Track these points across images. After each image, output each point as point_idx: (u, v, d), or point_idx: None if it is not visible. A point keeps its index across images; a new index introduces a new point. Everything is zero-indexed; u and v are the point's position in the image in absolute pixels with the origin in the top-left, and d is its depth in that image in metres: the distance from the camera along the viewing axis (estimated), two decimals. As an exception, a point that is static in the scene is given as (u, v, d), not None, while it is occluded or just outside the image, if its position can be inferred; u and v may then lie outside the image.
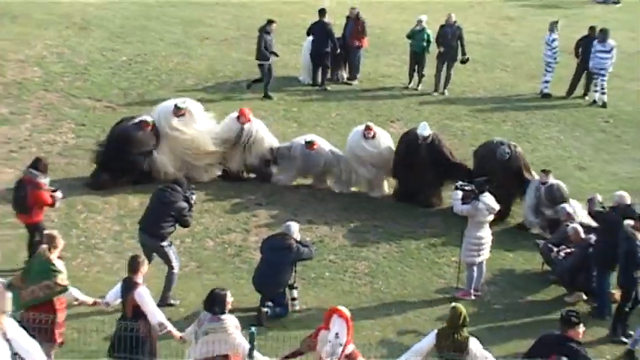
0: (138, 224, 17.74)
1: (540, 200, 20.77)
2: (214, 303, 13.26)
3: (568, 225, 19.03)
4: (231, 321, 13.23)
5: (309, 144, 22.32)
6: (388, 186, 22.71)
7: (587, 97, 29.28)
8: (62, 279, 14.17)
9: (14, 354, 11.64)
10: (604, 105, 28.72)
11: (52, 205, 17.95)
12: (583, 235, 18.61)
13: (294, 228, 17.39)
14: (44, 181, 17.67)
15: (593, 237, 18.51)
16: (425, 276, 19.52)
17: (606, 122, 27.85)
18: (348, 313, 13.22)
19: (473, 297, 18.59)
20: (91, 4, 35.73)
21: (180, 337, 13.77)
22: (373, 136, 22.22)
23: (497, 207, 18.43)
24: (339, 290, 18.58)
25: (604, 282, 18.26)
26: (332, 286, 18.72)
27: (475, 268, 18.58)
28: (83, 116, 25.35)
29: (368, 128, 22.21)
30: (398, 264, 19.87)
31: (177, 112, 22.15)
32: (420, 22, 29.04)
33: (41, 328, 13.75)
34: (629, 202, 18.36)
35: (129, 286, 13.83)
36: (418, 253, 20.36)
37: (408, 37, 29.26)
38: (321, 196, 22.42)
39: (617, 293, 18.40)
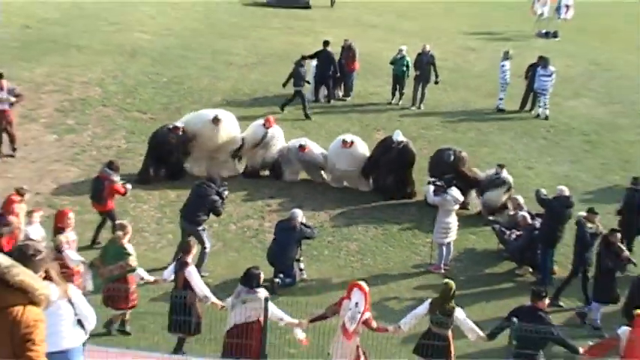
0: (179, 212, 17.98)
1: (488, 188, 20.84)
2: (250, 279, 13.50)
3: (518, 213, 19.10)
4: (263, 293, 13.46)
5: (302, 147, 22.34)
6: (372, 183, 22.61)
7: (532, 112, 29.22)
8: (132, 260, 14.50)
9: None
10: (546, 118, 28.71)
11: (124, 194, 18.61)
12: (530, 221, 18.69)
13: (299, 213, 17.69)
14: (116, 177, 18.22)
15: (537, 223, 18.72)
16: (404, 254, 19.55)
17: (548, 131, 27.84)
18: (366, 288, 13.28)
19: (442, 271, 18.67)
20: (139, 38, 35.73)
21: (222, 306, 14.04)
22: (350, 146, 22.15)
23: (461, 198, 18.75)
24: (336, 265, 18.64)
25: (547, 258, 18.39)
26: (330, 262, 18.75)
27: (444, 248, 18.71)
28: (133, 126, 25.34)
29: (344, 142, 22.15)
30: (383, 244, 19.89)
31: (216, 122, 22.17)
32: (400, 51, 29.11)
33: (120, 296, 14.49)
34: (567, 193, 18.54)
35: (181, 264, 14.11)
36: (399, 235, 20.37)
37: (391, 63, 29.27)
38: (322, 190, 22.39)
39: (556, 268, 18.55)
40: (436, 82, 29.24)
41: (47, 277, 11.05)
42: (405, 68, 28.92)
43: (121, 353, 12.99)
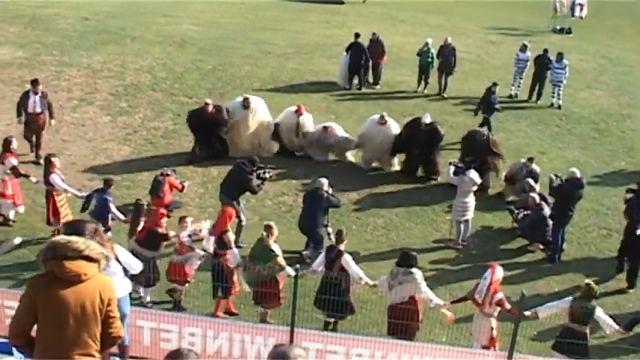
0: (219, 186, 17.99)
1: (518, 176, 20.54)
2: (407, 260, 13.58)
3: (530, 194, 18.89)
4: (418, 274, 13.52)
5: (325, 128, 22.26)
6: (398, 163, 22.42)
7: (538, 102, 28.80)
8: (280, 260, 14.14)
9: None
10: (559, 107, 28.37)
11: (182, 190, 18.78)
12: (538, 201, 18.53)
13: (324, 182, 17.37)
14: (174, 176, 18.56)
15: (544, 203, 18.58)
16: (426, 230, 19.46)
17: (560, 120, 27.53)
18: (498, 267, 13.57)
19: (460, 246, 18.61)
20: (188, 29, 35.72)
21: (374, 285, 14.11)
22: (384, 124, 22.06)
23: (479, 181, 18.58)
24: (363, 239, 18.57)
25: (558, 236, 18.23)
26: (357, 236, 18.66)
27: (462, 225, 18.58)
28: (179, 109, 25.27)
29: (381, 117, 22.19)
30: (406, 221, 19.79)
31: (246, 103, 22.18)
32: (426, 43, 28.90)
33: (271, 295, 14.20)
34: (578, 175, 18.41)
35: (335, 252, 14.08)
36: (422, 213, 20.26)
37: (418, 54, 29.06)
38: (352, 169, 22.28)
39: (566, 246, 18.49)
40: (451, 72, 29.03)
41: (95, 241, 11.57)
42: (430, 59, 28.74)
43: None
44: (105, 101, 25.59)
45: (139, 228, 15.15)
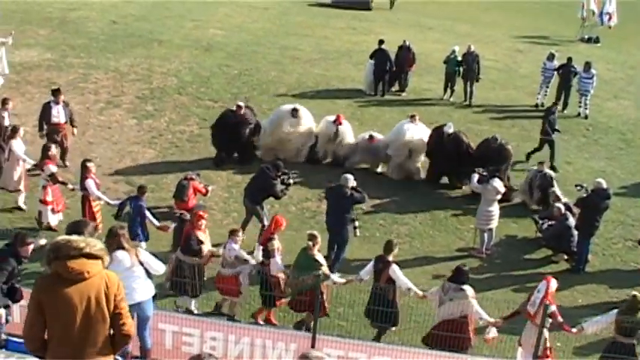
0: (244, 191, 18.09)
1: (534, 183, 20.45)
2: (459, 276, 13.42)
3: (555, 204, 18.77)
4: (470, 291, 13.32)
5: (371, 138, 22.20)
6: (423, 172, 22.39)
7: (564, 111, 28.59)
8: (325, 269, 14.03)
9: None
10: (586, 117, 28.22)
11: (206, 194, 18.81)
12: (563, 212, 18.39)
13: (349, 178, 16.97)
14: (198, 180, 18.52)
15: (569, 213, 18.42)
16: (450, 238, 19.39)
17: (587, 130, 27.39)
18: (552, 280, 13.30)
19: (484, 255, 18.52)
20: (215, 34, 35.84)
21: (424, 296, 13.89)
22: (415, 120, 22.36)
23: (502, 190, 18.42)
24: (386, 247, 18.45)
25: (584, 247, 18.09)
26: (380, 243, 18.22)
27: (486, 234, 18.48)
28: (205, 113, 25.36)
29: (412, 116, 22.42)
30: (430, 229, 19.75)
31: (295, 113, 22.31)
32: (453, 51, 28.85)
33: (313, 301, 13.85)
34: (605, 186, 18.26)
35: (383, 263, 13.91)
36: (445, 221, 20.20)
37: (444, 62, 29.04)
38: (376, 177, 22.26)
39: (591, 257, 18.41)
40: (477, 80, 28.93)
41: (120, 246, 11.73)
42: (456, 67, 28.71)
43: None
44: (131, 104, 25.71)
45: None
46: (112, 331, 6.71)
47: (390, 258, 14.00)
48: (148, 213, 16.40)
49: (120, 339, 6.73)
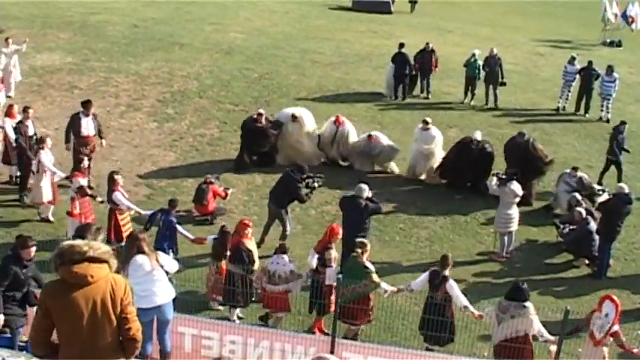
0: (269, 194, 18.05)
1: (572, 187, 20.26)
2: (520, 294, 13.04)
3: (576, 209, 18.65)
4: (532, 308, 12.99)
5: (370, 137, 22.28)
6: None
7: (586, 115, 28.52)
8: (375, 278, 13.86)
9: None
10: (607, 121, 28.07)
11: (225, 197, 19.09)
12: (584, 216, 18.30)
13: (364, 188, 16.48)
14: (217, 184, 18.90)
15: (590, 218, 18.28)
16: (470, 242, 19.29)
17: (609, 134, 27.14)
18: (617, 301, 12.81)
19: (504, 259, 18.42)
20: (235, 37, 35.94)
21: (480, 316, 13.51)
22: (428, 129, 22.18)
23: (520, 192, 18.35)
24: (406, 250, 18.46)
25: (605, 252, 17.98)
26: (401, 247, 18.58)
27: (506, 237, 18.40)
28: (225, 116, 25.45)
29: (425, 122, 22.32)
30: (450, 233, 19.65)
31: (294, 119, 22.27)
32: (473, 55, 28.81)
33: (360, 311, 13.90)
34: (627, 191, 18.14)
35: (440, 277, 13.64)
36: (466, 225, 20.10)
37: (465, 65, 29.00)
38: (395, 180, 22.19)
39: (612, 262, 18.30)
40: (502, 84, 28.88)
41: (140, 251, 11.78)
42: (477, 70, 28.67)
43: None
44: (152, 107, 25.79)
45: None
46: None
47: (446, 273, 13.73)
48: (180, 228, 16.00)
49: (126, 343, 6.74)
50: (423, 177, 22.36)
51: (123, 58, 30.60)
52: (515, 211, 18.33)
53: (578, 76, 28.73)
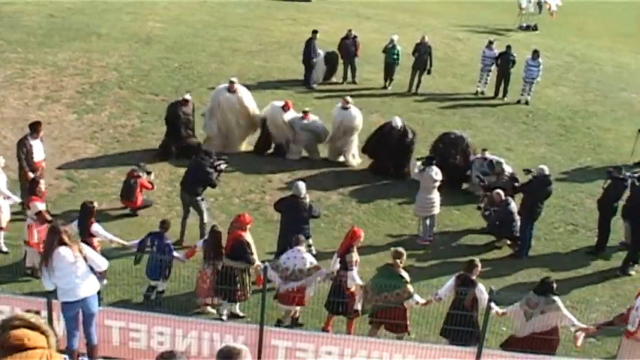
0: (180, 184, 17.84)
1: (483, 170, 20.56)
2: (547, 288, 13.16)
3: (495, 191, 18.85)
4: (560, 301, 13.13)
5: (305, 113, 22.46)
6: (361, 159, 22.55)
7: (505, 99, 29.04)
8: (409, 287, 13.69)
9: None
10: (526, 103, 28.63)
11: (152, 189, 18.96)
12: (503, 198, 18.56)
13: (302, 187, 16.09)
14: (142, 173, 18.63)
15: (510, 199, 18.62)
16: (393, 227, 19.47)
17: (527, 117, 27.79)
18: None
19: (427, 242, 18.67)
20: (154, 27, 35.55)
21: (503, 313, 13.45)
22: (348, 108, 22.34)
23: (438, 178, 18.43)
24: (331, 237, 18.47)
25: (527, 232, 18.36)
26: (325, 234, 18.64)
27: (428, 221, 18.59)
28: (146, 107, 25.22)
29: (345, 101, 22.47)
30: (374, 218, 19.79)
31: (231, 86, 22.18)
32: (392, 41, 29.03)
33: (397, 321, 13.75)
34: (547, 172, 18.43)
35: (469, 283, 13.53)
36: (389, 210, 20.27)
37: (383, 51, 29.21)
38: (319, 167, 22.26)
39: (534, 242, 18.61)
40: (428, 72, 29.19)
41: (61, 242, 11.59)
42: (395, 56, 28.87)
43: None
44: (71, 99, 25.37)
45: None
46: None
47: (474, 277, 13.62)
48: (175, 253, 14.93)
49: None
50: (342, 159, 22.55)
51: (39, 48, 30.03)
52: (436, 195, 18.51)
53: (495, 61, 29.17)
